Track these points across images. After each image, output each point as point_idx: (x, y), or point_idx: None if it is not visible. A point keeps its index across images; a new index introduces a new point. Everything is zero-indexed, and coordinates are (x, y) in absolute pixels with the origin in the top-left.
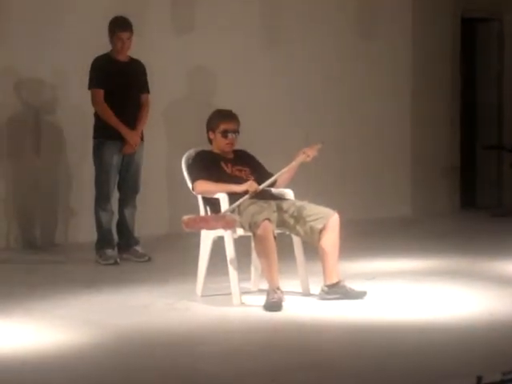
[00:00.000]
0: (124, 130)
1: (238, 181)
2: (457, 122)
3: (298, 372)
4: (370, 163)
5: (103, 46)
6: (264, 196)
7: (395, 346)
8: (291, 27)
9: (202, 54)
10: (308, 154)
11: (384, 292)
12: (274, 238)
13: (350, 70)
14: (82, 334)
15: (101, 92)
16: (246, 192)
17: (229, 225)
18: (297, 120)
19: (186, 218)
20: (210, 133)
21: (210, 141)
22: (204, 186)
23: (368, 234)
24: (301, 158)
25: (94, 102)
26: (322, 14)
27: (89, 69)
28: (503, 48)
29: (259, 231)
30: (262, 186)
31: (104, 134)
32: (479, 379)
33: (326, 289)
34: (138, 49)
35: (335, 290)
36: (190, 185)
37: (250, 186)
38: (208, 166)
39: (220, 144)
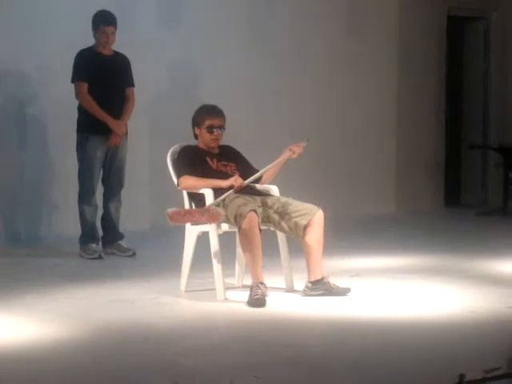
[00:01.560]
0: (109, 120)
1: (224, 176)
2: (442, 120)
3: (280, 368)
4: (355, 161)
5: (87, 40)
6: (249, 192)
7: (377, 343)
8: (278, 22)
9: (187, 49)
10: (294, 151)
11: (367, 289)
12: (259, 230)
13: (336, 69)
14: (65, 328)
15: (84, 85)
16: (231, 187)
17: (213, 218)
18: (281, 116)
19: (170, 210)
20: (196, 128)
21: (196, 136)
22: (189, 182)
23: (352, 231)
24: (286, 155)
25: (78, 95)
26: (309, 11)
27: (73, 62)
28: (489, 47)
29: (245, 223)
30: (247, 182)
31: (88, 128)
32: (462, 377)
33: (309, 285)
34: (122, 43)
35: (319, 287)
36: (175, 180)
37: (235, 180)
38: (193, 161)
39: (205, 139)
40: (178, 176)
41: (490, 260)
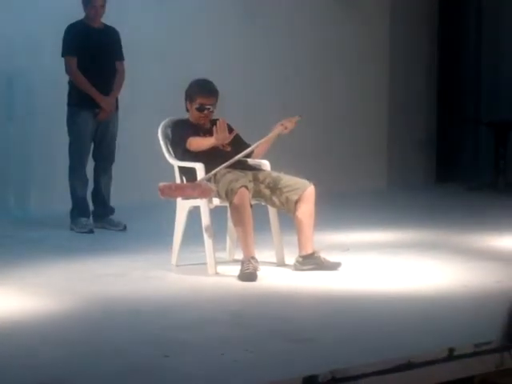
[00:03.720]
0: (98, 96)
1: (216, 150)
2: (434, 95)
3: (271, 341)
4: (346, 135)
5: (77, 13)
6: (240, 166)
7: (368, 318)
8: None
9: (178, 21)
10: (286, 126)
11: (358, 264)
12: (251, 206)
13: (328, 43)
14: (56, 301)
15: (74, 59)
16: (221, 153)
17: (205, 193)
18: (274, 91)
19: (161, 185)
20: (187, 102)
21: (187, 110)
22: (197, 142)
23: (343, 206)
24: (278, 130)
25: (68, 69)
26: None
27: (62, 35)
28: (481, 21)
29: (236, 199)
30: (238, 156)
31: (78, 101)
32: (451, 351)
33: (300, 259)
34: (112, 15)
35: (310, 261)
36: (166, 154)
37: (218, 138)
38: (189, 131)
39: (195, 116)
40: (185, 141)
41: (480, 235)
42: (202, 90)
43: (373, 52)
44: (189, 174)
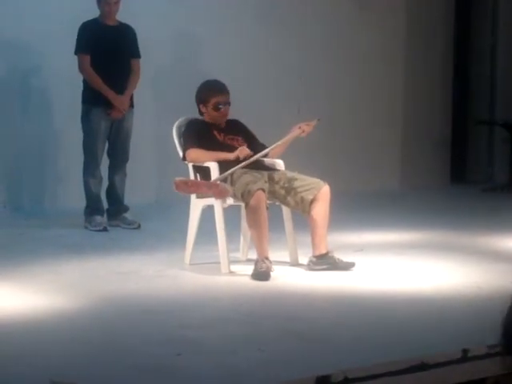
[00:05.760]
0: (111, 95)
1: (231, 149)
2: (449, 95)
3: (283, 341)
4: (360, 136)
5: (92, 11)
6: (256, 166)
7: (381, 318)
8: None
9: (191, 19)
10: (303, 130)
11: (372, 264)
12: (266, 208)
13: (342, 42)
14: (69, 299)
15: (87, 57)
16: (238, 160)
17: (221, 194)
18: (288, 89)
19: (177, 179)
20: (201, 106)
21: (202, 113)
22: (196, 154)
23: (357, 206)
24: (296, 133)
25: (81, 67)
26: None
27: (77, 33)
28: (497, 21)
29: (252, 201)
30: (255, 158)
31: (92, 99)
32: (465, 352)
33: (314, 259)
34: (125, 13)
35: (323, 261)
36: (180, 153)
37: (241, 152)
38: (200, 134)
39: (213, 116)
40: (185, 149)
41: (494, 236)
42: (214, 89)
43: (387, 52)
44: (203, 173)
